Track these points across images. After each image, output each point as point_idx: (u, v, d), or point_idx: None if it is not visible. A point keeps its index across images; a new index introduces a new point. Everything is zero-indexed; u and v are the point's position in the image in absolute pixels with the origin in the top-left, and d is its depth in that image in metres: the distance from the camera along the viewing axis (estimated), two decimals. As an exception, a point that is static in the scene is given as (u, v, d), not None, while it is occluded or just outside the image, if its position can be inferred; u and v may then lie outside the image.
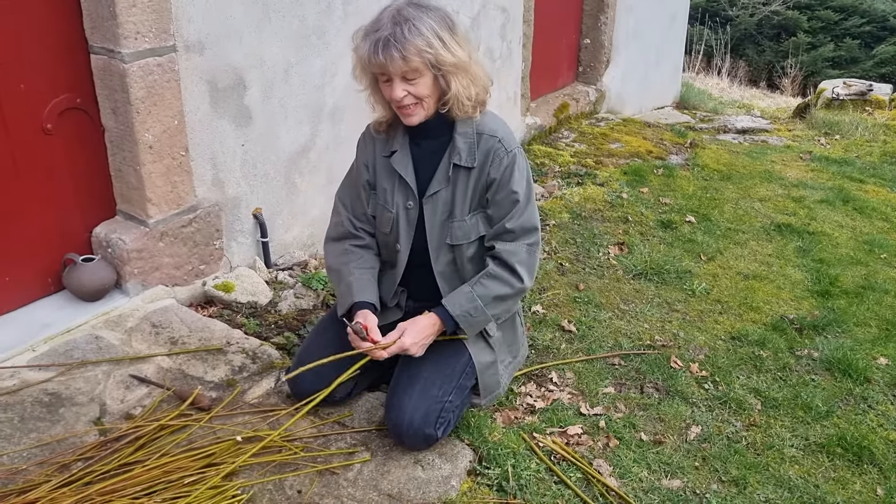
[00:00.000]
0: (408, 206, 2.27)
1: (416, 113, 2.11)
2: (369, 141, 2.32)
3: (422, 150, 2.26)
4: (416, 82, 2.04)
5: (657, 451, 2.42)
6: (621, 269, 3.61)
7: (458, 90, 2.07)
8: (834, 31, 17.36)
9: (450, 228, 2.25)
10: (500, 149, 2.18)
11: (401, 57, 1.97)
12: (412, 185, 2.25)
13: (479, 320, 2.23)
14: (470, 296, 2.20)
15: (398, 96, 2.05)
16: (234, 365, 2.53)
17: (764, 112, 7.83)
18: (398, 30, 1.97)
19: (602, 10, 5.87)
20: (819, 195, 4.79)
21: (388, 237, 2.34)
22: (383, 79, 2.07)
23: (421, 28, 1.98)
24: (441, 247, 2.28)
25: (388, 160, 2.27)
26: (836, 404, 2.71)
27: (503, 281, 2.22)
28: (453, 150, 2.20)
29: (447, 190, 2.23)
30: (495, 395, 2.47)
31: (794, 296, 3.49)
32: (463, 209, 2.23)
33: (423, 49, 1.97)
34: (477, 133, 2.19)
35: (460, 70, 2.06)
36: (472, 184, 2.21)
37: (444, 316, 2.20)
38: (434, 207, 2.24)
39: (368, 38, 2.02)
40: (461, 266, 2.30)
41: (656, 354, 2.92)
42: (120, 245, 2.72)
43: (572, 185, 4.54)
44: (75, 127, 2.66)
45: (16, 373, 2.39)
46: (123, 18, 2.50)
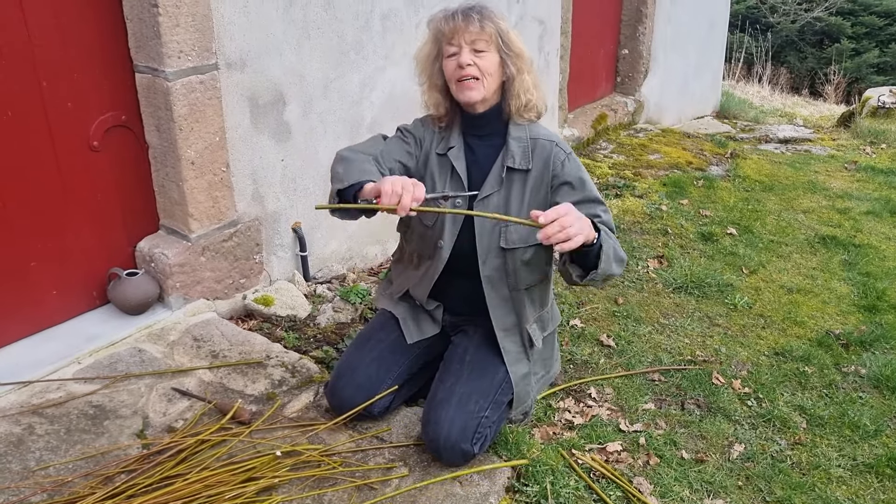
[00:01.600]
0: (457, 203, 2.25)
1: (476, 88, 2.13)
2: (426, 129, 2.32)
3: (474, 152, 2.28)
4: (484, 55, 2.10)
5: (699, 469, 2.38)
6: (661, 282, 3.57)
7: (521, 80, 2.15)
8: (879, 36, 17.02)
9: (504, 232, 2.23)
10: (559, 152, 2.21)
11: (479, 20, 2.08)
12: (465, 180, 2.25)
13: (609, 267, 2.02)
14: (609, 243, 2.02)
15: (465, 61, 2.09)
16: (273, 379, 2.55)
17: (807, 121, 7.70)
18: (476, 6, 2.12)
19: (640, 21, 5.83)
20: (865, 206, 4.69)
21: (429, 230, 2.29)
22: (450, 50, 2.13)
23: (496, 12, 2.14)
24: (491, 251, 2.26)
25: (441, 157, 2.28)
26: (884, 423, 2.65)
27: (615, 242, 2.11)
28: (507, 154, 2.21)
29: (500, 193, 2.22)
30: (524, 406, 2.44)
31: (840, 310, 3.42)
32: (520, 213, 2.21)
33: (499, 24, 2.11)
34: (531, 138, 2.22)
35: (523, 63, 2.15)
36: (531, 187, 2.21)
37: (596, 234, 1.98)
38: (485, 210, 2.22)
39: (445, 12, 2.14)
40: (512, 271, 2.27)
41: (697, 370, 2.87)
42: (163, 259, 2.76)
43: (611, 198, 4.51)
44: (120, 144, 2.71)
45: (62, 385, 2.44)
46: (167, 38, 2.54)
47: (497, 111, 2.22)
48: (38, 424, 2.27)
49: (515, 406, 2.39)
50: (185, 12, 2.57)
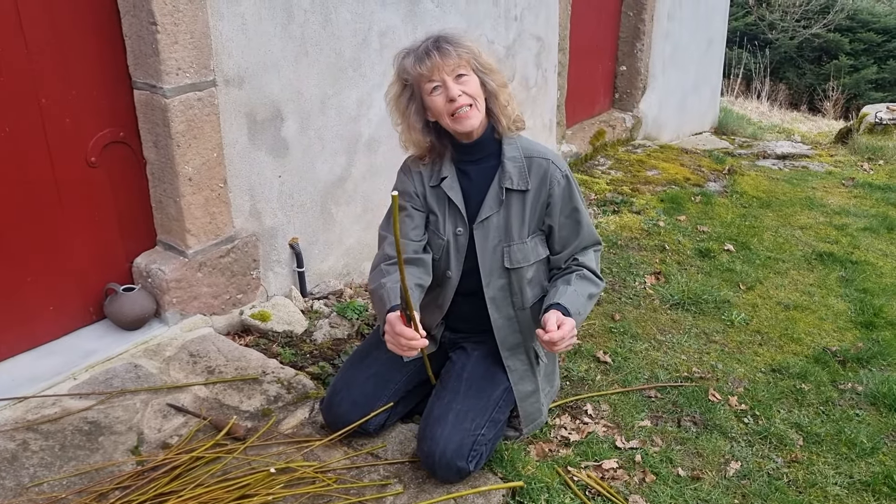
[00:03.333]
0: (457, 232, 2.27)
1: (473, 115, 2.13)
2: (412, 174, 2.32)
3: (469, 177, 2.28)
4: (466, 80, 2.10)
5: (695, 487, 2.37)
6: (658, 298, 3.57)
7: (504, 93, 2.17)
8: (877, 52, 17.09)
9: (508, 252, 2.25)
10: (555, 171, 2.22)
11: (453, 49, 2.07)
12: (462, 209, 2.25)
13: (582, 318, 2.18)
14: (575, 294, 2.16)
15: (455, 93, 2.08)
16: (269, 395, 2.55)
17: (804, 137, 7.72)
18: (443, 35, 2.10)
19: (638, 37, 5.87)
20: (862, 223, 4.70)
21: (437, 263, 2.33)
22: (431, 87, 2.10)
23: (462, 38, 2.12)
24: (494, 271, 2.27)
25: (436, 188, 2.28)
26: (881, 440, 2.64)
27: (591, 281, 2.25)
28: (503, 175, 2.21)
29: (499, 214, 2.23)
30: (537, 423, 2.44)
31: (837, 327, 3.41)
32: (521, 232, 2.24)
33: (470, 46, 2.10)
34: (525, 157, 2.22)
35: (499, 77, 2.16)
36: (530, 206, 2.23)
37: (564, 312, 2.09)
38: (485, 233, 2.24)
39: (410, 56, 2.11)
40: (517, 290, 2.29)
41: (694, 387, 2.87)
42: (160, 275, 2.77)
43: (608, 213, 4.52)
44: (118, 160, 2.73)
45: (58, 401, 2.43)
46: (165, 55, 2.56)
47: (490, 133, 2.23)
48: (33, 440, 2.26)
49: (525, 424, 2.40)
50: (184, 30, 2.59)
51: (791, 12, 17.90)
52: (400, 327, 1.99)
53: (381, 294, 2.17)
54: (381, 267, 2.30)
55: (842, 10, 17.75)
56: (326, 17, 3.10)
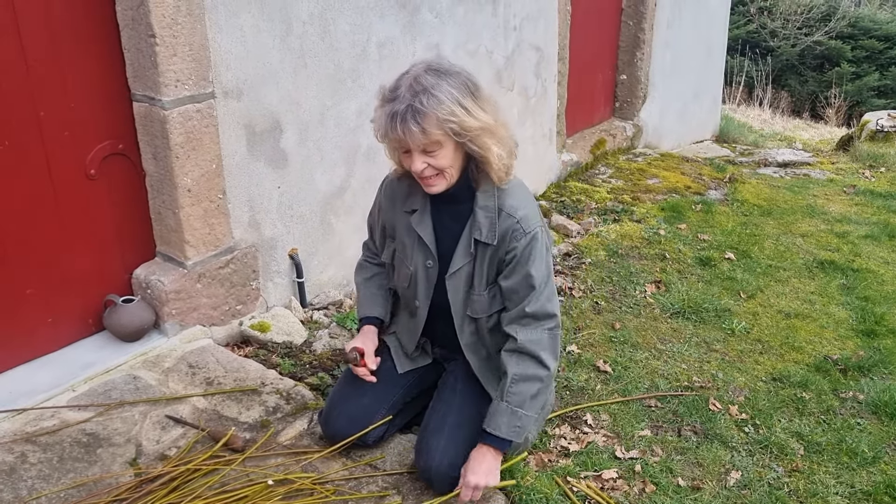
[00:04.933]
0: (427, 265, 2.22)
1: (438, 183, 2.05)
2: (393, 191, 2.27)
3: (442, 215, 2.20)
4: (437, 154, 1.97)
5: (695, 497, 2.36)
6: (658, 307, 3.57)
7: (497, 153, 2.01)
8: (879, 60, 17.10)
9: (470, 301, 2.21)
10: (518, 229, 2.09)
11: (420, 131, 1.89)
12: (433, 249, 2.20)
13: (526, 426, 2.16)
14: (508, 410, 2.11)
15: (418, 169, 1.99)
16: (268, 406, 2.55)
17: (806, 145, 7.72)
18: (417, 101, 1.88)
19: (638, 46, 5.88)
20: (864, 230, 4.69)
21: (406, 291, 2.32)
22: (402, 150, 2.01)
23: (440, 96, 1.88)
24: (465, 319, 2.25)
25: (408, 217, 2.22)
26: (883, 450, 2.63)
27: (530, 379, 2.13)
28: (474, 225, 2.12)
29: (469, 265, 2.17)
30: (521, 449, 2.41)
31: (838, 335, 3.40)
32: (480, 283, 2.18)
33: (445, 119, 1.89)
34: (498, 208, 2.10)
35: (486, 133, 1.98)
36: (489, 260, 2.15)
37: (496, 444, 2.12)
38: (457, 283, 2.19)
39: (385, 108, 1.93)
40: (483, 337, 2.27)
41: (694, 396, 2.86)
42: (159, 286, 2.77)
43: (609, 222, 4.52)
44: (117, 172, 2.73)
45: (56, 413, 2.44)
46: (164, 67, 2.57)
47: (464, 184, 2.11)
48: (31, 452, 2.26)
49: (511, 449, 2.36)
50: (182, 42, 2.60)
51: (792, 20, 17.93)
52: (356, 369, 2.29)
53: (360, 298, 2.48)
54: (362, 262, 2.53)
55: (843, 17, 17.78)
56: (325, 29, 3.11)
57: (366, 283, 2.45)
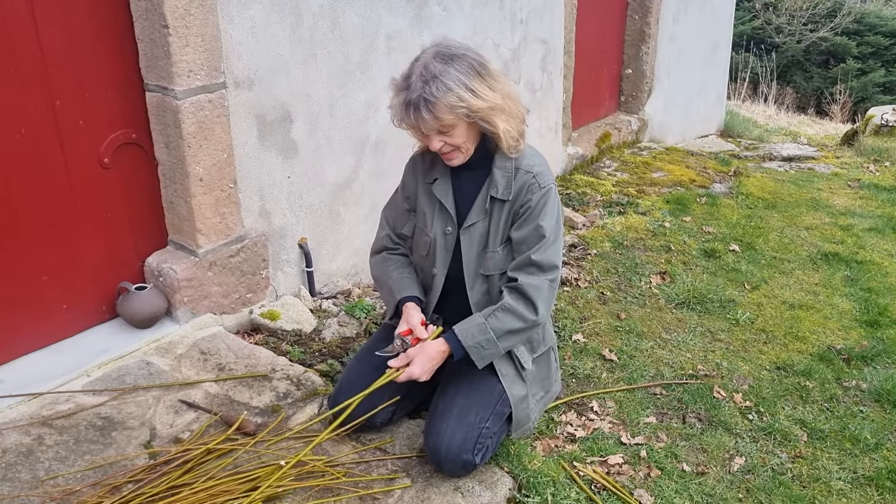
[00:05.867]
0: (446, 231, 2.31)
1: (456, 157, 2.20)
2: (415, 166, 2.39)
3: (461, 180, 2.32)
4: (452, 133, 2.11)
5: (700, 482, 2.40)
6: (663, 298, 3.60)
7: (504, 129, 2.12)
8: (884, 56, 17.09)
9: (483, 259, 2.29)
10: (533, 183, 2.22)
11: (432, 117, 2.03)
12: (451, 212, 2.30)
13: (489, 353, 2.22)
14: (483, 327, 2.19)
15: (436, 147, 2.14)
16: (278, 391, 2.59)
17: (811, 139, 7.73)
18: (427, 88, 2.00)
19: (643, 41, 5.90)
20: (867, 223, 4.71)
21: (424, 260, 2.38)
22: (420, 133, 2.15)
23: (449, 83, 2.01)
24: (476, 277, 2.31)
25: (429, 186, 2.33)
26: (885, 436, 2.66)
27: (518, 315, 2.20)
28: (492, 183, 2.24)
29: (484, 221, 2.27)
30: (525, 429, 2.45)
31: (842, 325, 3.43)
32: (496, 240, 2.27)
33: (455, 105, 2.02)
34: (515, 168, 2.23)
35: (497, 111, 2.10)
36: (505, 216, 2.25)
37: (454, 344, 2.20)
38: (471, 238, 2.28)
39: (399, 97, 2.07)
40: (494, 296, 2.32)
41: (699, 384, 2.89)
42: (171, 274, 2.81)
43: (614, 215, 4.55)
44: (130, 161, 2.77)
45: (71, 397, 2.48)
46: (177, 58, 2.61)
47: (483, 151, 2.23)
48: (48, 435, 2.31)
49: (515, 428, 2.41)
50: (195, 33, 2.64)
51: (798, 16, 17.91)
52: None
53: (390, 285, 2.39)
54: (385, 255, 2.49)
55: (849, 13, 17.75)
56: (335, 21, 3.15)
57: (396, 270, 2.42)
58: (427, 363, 2.20)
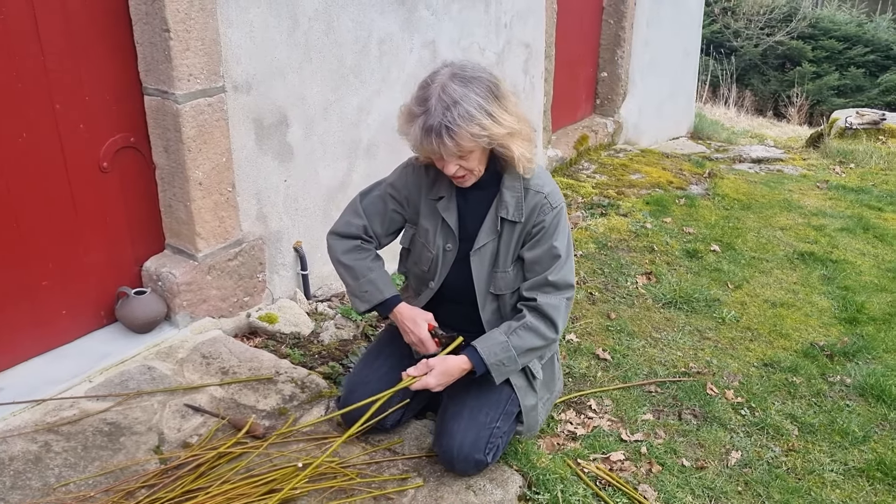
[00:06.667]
0: (447, 248, 2.31)
1: (469, 179, 2.17)
2: (419, 175, 2.33)
3: (468, 199, 2.29)
4: (469, 157, 2.08)
5: (700, 476, 2.47)
6: (650, 297, 3.68)
7: (520, 153, 2.11)
8: (838, 60, 17.53)
9: (493, 278, 2.29)
10: (545, 204, 2.22)
11: (454, 144, 1.99)
12: (455, 230, 2.28)
13: (509, 369, 2.23)
14: (506, 345, 2.20)
15: (451, 172, 2.11)
16: (284, 394, 2.60)
17: (777, 141, 7.93)
18: (448, 115, 1.95)
19: (618, 45, 6.00)
20: (839, 223, 4.87)
21: (426, 274, 2.39)
22: (435, 157, 2.10)
23: (470, 110, 1.96)
24: (487, 296, 2.32)
25: (434, 203, 2.30)
26: (872, 429, 2.76)
27: (539, 333, 2.22)
28: (500, 204, 2.22)
29: (493, 242, 2.26)
30: (533, 432, 2.51)
31: (822, 323, 3.55)
32: (506, 260, 2.27)
33: (477, 134, 1.99)
34: (524, 188, 2.22)
35: (514, 136, 2.08)
36: (517, 236, 2.25)
37: (476, 361, 2.20)
38: (482, 259, 2.27)
39: (417, 122, 2.00)
40: (505, 315, 2.34)
41: (692, 381, 2.97)
42: (170, 278, 2.80)
43: (596, 216, 4.62)
44: (129, 165, 2.76)
45: (75, 403, 2.46)
46: (178, 62, 2.60)
47: (490, 170, 2.21)
48: (55, 442, 2.29)
49: (525, 432, 2.45)
50: (195, 37, 2.64)
51: (755, 20, 18.31)
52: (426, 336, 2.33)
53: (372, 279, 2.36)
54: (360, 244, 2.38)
55: (804, 18, 18.20)
56: (329, 25, 3.16)
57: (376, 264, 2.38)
58: (445, 377, 2.21)
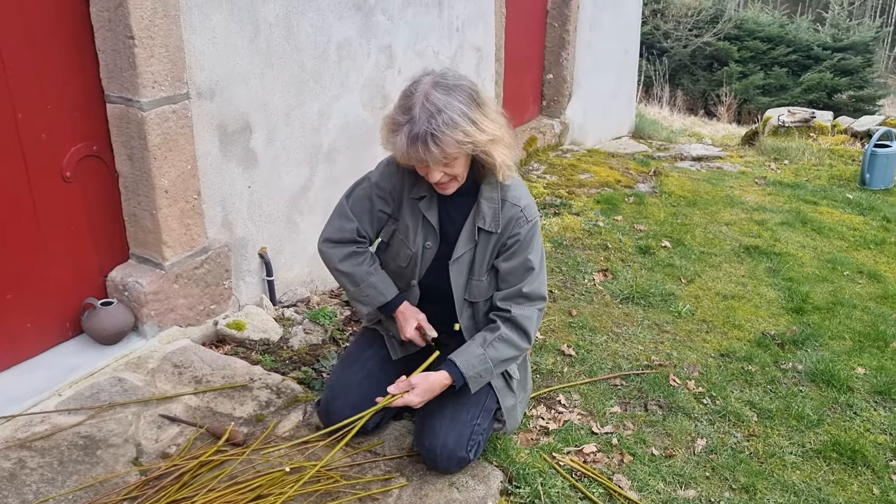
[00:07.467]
0: (427, 245, 2.35)
1: (452, 186, 2.20)
2: (402, 174, 2.32)
3: (447, 204, 2.33)
4: (453, 164, 2.11)
5: (669, 464, 2.57)
6: (608, 294, 3.78)
7: (502, 160, 2.14)
8: (763, 60, 18.19)
9: (469, 286, 2.35)
10: (521, 217, 2.27)
11: (440, 151, 2.01)
12: (436, 228, 2.32)
13: (485, 380, 2.31)
14: (483, 358, 2.27)
15: (436, 179, 2.13)
16: (260, 400, 2.60)
17: (714, 139, 8.21)
18: (433, 122, 1.98)
19: (563, 47, 6.13)
20: (779, 218, 5.08)
21: (404, 271, 2.43)
22: (420, 165, 2.12)
23: (454, 117, 1.99)
24: (464, 304, 2.37)
25: (416, 202, 2.33)
26: (825, 413, 2.91)
27: (513, 345, 2.29)
28: (478, 214, 2.27)
29: (471, 251, 2.31)
30: (512, 430, 2.57)
31: (772, 313, 3.71)
32: (481, 269, 2.32)
33: (461, 141, 2.01)
34: (501, 199, 2.26)
35: (496, 143, 2.11)
36: (492, 246, 2.30)
37: (455, 375, 2.26)
38: (460, 268, 2.32)
39: (402, 132, 2.02)
40: (479, 321, 2.40)
41: (655, 374, 3.08)
42: (137, 288, 2.76)
43: (549, 216, 4.72)
44: (91, 174, 2.71)
45: (46, 418, 2.41)
46: (143, 69, 2.58)
47: (470, 181, 2.24)
48: (29, 458, 2.24)
49: (506, 432, 2.51)
50: (159, 43, 2.61)
51: (683, 22, 18.86)
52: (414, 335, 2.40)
53: (372, 283, 2.40)
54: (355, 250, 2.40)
55: (730, 19, 18.82)
56: (290, 31, 3.17)
57: (373, 267, 2.41)
58: (427, 393, 2.25)
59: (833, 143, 7.11)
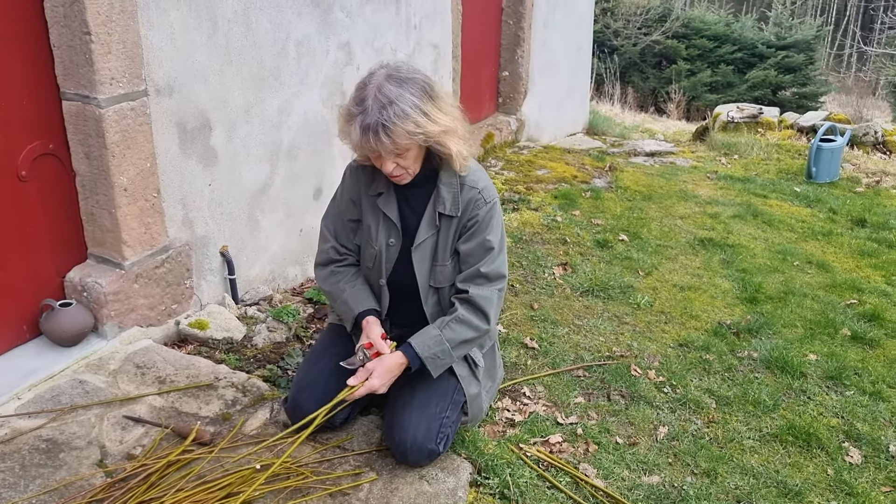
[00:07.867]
0: (390, 243, 2.38)
1: (405, 178, 2.25)
2: (358, 176, 2.40)
3: (406, 196, 2.37)
4: (406, 156, 2.16)
5: (633, 451, 2.62)
6: (568, 287, 3.84)
7: (457, 150, 2.19)
8: (710, 58, 18.57)
9: (434, 272, 2.38)
10: (479, 199, 2.31)
11: (391, 142, 2.06)
12: (397, 223, 2.36)
13: (444, 362, 2.33)
14: (439, 339, 2.30)
15: (388, 170, 2.19)
16: (226, 399, 2.58)
17: (666, 135, 8.36)
18: (384, 113, 2.03)
19: (518, 44, 6.18)
20: (731, 211, 5.20)
21: (371, 272, 2.45)
22: (373, 155, 2.17)
23: (405, 108, 2.04)
24: (429, 290, 2.40)
25: (374, 199, 2.36)
26: (780, 398, 3.00)
27: (471, 325, 2.32)
28: (438, 199, 2.31)
29: (433, 237, 2.34)
30: (477, 420, 2.59)
31: (726, 303, 3.81)
32: (444, 254, 2.36)
33: (412, 132, 2.06)
34: (460, 184, 2.30)
35: (449, 134, 2.16)
36: (454, 230, 2.34)
37: (411, 356, 2.29)
38: (423, 254, 2.35)
39: (355, 122, 2.07)
40: (445, 306, 2.43)
41: (616, 364, 3.13)
42: (96, 288, 2.72)
43: (509, 212, 4.76)
44: (47, 173, 2.66)
45: (5, 422, 2.36)
46: (100, 65, 2.54)
47: (426, 168, 2.28)
48: (-11, 463, 2.19)
49: (470, 421, 2.53)
50: (117, 39, 2.57)
51: (633, 20, 19.15)
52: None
53: (345, 299, 2.44)
54: (333, 269, 2.50)
55: (677, 18, 19.17)
56: (248, 27, 3.14)
57: (348, 283, 2.46)
58: (386, 375, 2.28)
59: (780, 139, 7.30)
